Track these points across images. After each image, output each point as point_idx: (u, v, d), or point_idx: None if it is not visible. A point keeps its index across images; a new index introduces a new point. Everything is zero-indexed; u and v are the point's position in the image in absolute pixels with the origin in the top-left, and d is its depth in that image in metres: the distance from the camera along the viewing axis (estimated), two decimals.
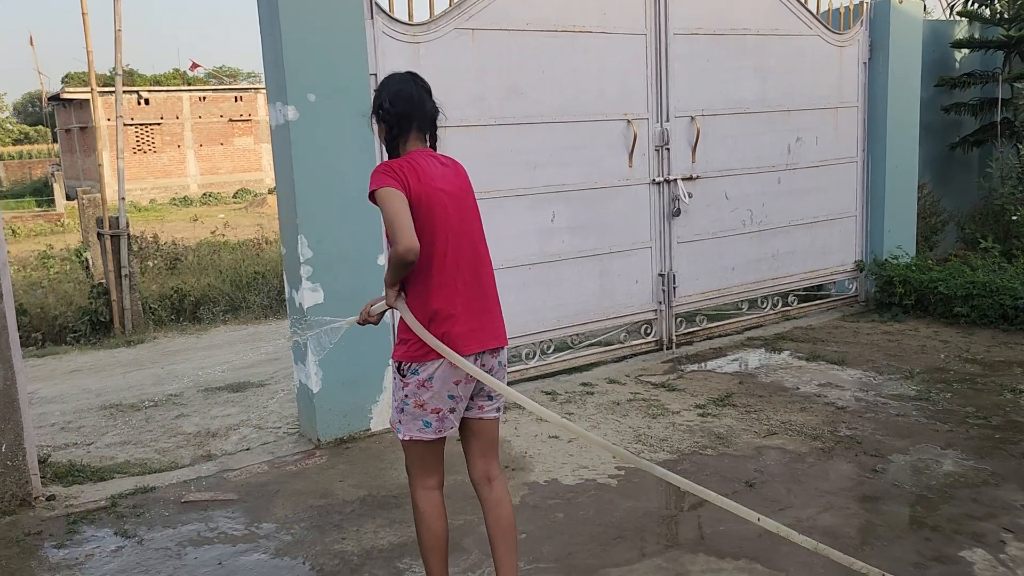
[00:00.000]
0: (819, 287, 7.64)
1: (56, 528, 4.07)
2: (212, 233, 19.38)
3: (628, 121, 6.14)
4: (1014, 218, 8.24)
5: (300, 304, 4.88)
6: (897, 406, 5.17)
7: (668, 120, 6.33)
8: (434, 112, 3.03)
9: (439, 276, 2.86)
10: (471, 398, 3.01)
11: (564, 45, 5.80)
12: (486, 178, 5.29)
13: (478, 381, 2.93)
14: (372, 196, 2.80)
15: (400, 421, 2.96)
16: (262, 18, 4.84)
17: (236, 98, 42.68)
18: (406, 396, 2.91)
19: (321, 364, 4.90)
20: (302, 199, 4.77)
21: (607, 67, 6.01)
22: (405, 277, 2.86)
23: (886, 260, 7.55)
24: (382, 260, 5.07)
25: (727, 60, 6.58)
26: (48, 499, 4.34)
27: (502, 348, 3.03)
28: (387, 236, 2.79)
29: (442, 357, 2.83)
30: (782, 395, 5.49)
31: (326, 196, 4.84)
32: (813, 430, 4.86)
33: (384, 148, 3.05)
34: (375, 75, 5.03)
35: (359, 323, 3.11)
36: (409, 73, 3.08)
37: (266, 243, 17.73)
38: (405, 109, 2.95)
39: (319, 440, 4.99)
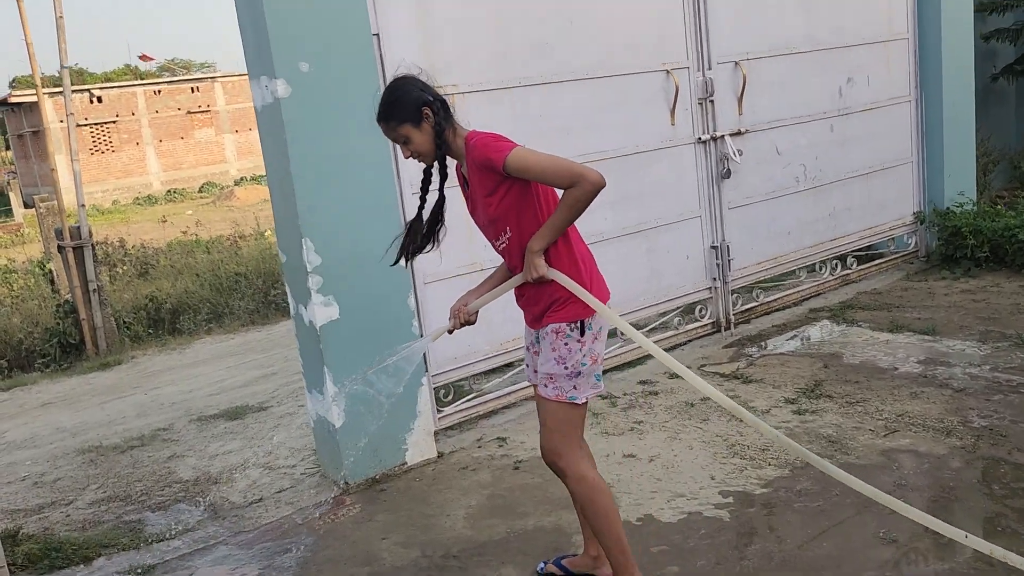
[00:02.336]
0: (871, 245, 6.84)
1: None
2: (184, 233, 18.26)
3: (667, 72, 5.26)
4: None
5: (311, 322, 3.99)
6: None
7: (710, 68, 5.45)
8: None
9: (572, 231, 2.81)
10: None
11: None
12: None
13: None
14: (504, 163, 2.60)
15: (575, 387, 2.79)
16: None
17: (192, 89, 41.18)
18: (583, 356, 2.78)
19: (341, 392, 4.02)
20: (303, 194, 3.86)
21: (640, 10, 5.12)
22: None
23: (948, 209, 6.75)
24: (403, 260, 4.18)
25: None
26: None
27: None
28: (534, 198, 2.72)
29: (606, 301, 2.84)
30: (881, 379, 4.69)
31: (331, 188, 3.93)
32: (939, 422, 4.06)
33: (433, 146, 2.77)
34: (377, 35, 4.12)
35: (451, 331, 2.92)
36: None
37: (241, 239, 16.73)
38: (439, 95, 2.78)
39: (347, 483, 4.12)
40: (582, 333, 2.76)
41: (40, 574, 3.64)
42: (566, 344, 2.76)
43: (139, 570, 3.59)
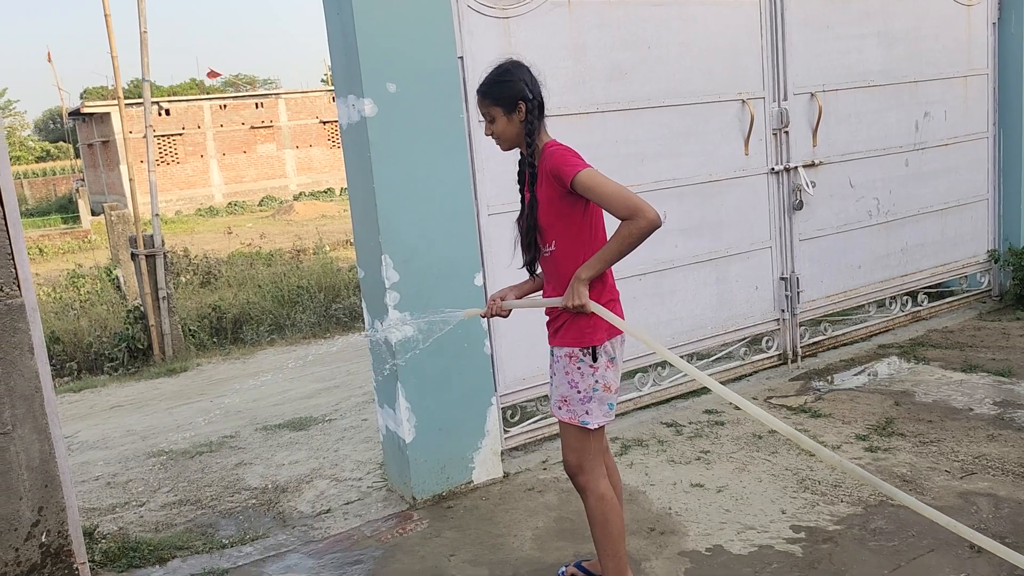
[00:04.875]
0: (943, 283, 6.72)
1: None
2: (247, 245, 18.64)
3: (743, 101, 5.26)
4: None
5: (386, 338, 4.06)
6: None
7: (786, 98, 5.44)
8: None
9: None
10: None
11: (670, 15, 4.93)
12: None
13: None
14: (573, 178, 2.68)
15: (588, 412, 2.87)
16: None
17: (257, 104, 42.06)
18: (596, 382, 2.86)
19: (414, 408, 4.07)
20: (385, 212, 3.93)
21: (717, 39, 5.14)
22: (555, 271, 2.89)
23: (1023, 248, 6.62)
24: (479, 280, 4.24)
25: (848, 25, 5.67)
26: None
27: None
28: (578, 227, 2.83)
29: (619, 333, 2.88)
30: (956, 419, 4.60)
31: (413, 206, 4.00)
32: (1019, 467, 3.96)
33: (523, 134, 2.90)
34: (462, 58, 4.19)
35: (483, 315, 3.04)
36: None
37: (301, 252, 17.03)
38: (542, 96, 2.91)
39: (414, 498, 4.17)
40: (594, 359, 2.84)
41: (118, 572, 3.74)
42: (578, 369, 2.85)
43: (213, 573, 3.66)
